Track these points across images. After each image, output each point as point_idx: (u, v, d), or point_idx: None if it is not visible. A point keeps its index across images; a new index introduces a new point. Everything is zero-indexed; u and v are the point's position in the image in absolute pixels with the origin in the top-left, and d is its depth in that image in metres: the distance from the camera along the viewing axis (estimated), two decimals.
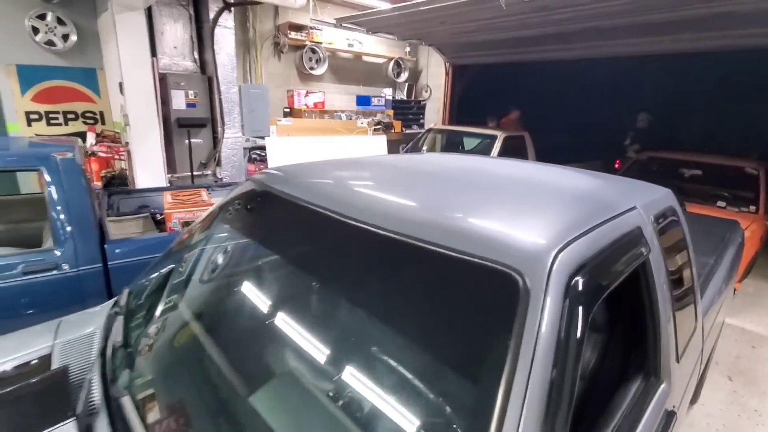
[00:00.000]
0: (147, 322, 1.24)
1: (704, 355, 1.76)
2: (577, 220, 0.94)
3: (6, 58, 4.34)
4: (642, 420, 1.03)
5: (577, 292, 0.78)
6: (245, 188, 1.52)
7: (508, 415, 0.65)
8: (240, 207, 1.47)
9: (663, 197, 1.41)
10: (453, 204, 1.03)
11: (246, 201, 1.46)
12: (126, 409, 0.91)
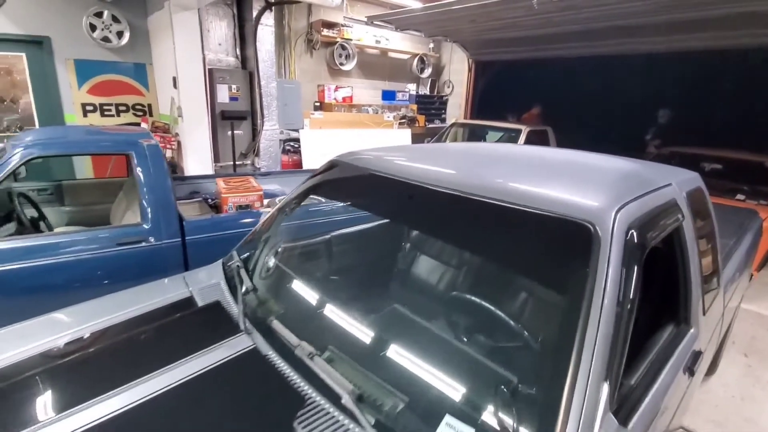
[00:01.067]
0: (266, 271, 1.53)
1: (723, 325, 1.99)
2: (627, 190, 1.19)
3: (65, 53, 4.68)
4: (674, 354, 1.28)
5: (632, 239, 1.04)
6: (329, 167, 1.79)
7: (590, 324, 0.91)
8: (330, 180, 1.73)
9: (693, 178, 1.65)
10: (532, 177, 1.29)
11: (336, 176, 1.73)
12: (275, 327, 1.19)
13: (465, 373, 1.05)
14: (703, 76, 6.17)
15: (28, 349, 1.19)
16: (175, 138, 4.67)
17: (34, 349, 1.18)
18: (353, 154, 1.79)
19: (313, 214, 2.57)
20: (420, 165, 1.46)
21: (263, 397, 0.99)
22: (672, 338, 1.34)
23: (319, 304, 1.34)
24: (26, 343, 1.21)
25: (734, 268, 2.13)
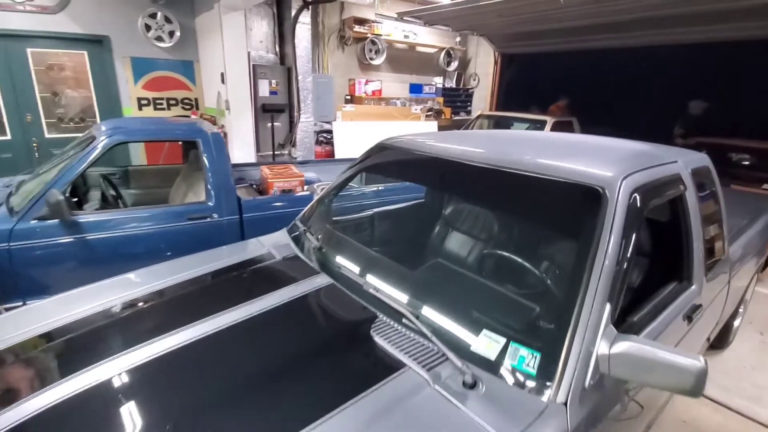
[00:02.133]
0: (326, 234, 1.84)
1: (730, 294, 2.18)
2: (635, 163, 1.44)
3: (123, 51, 5.14)
4: (674, 303, 1.52)
5: (635, 201, 1.29)
6: (377, 149, 2.08)
7: (596, 262, 1.17)
8: (377, 159, 2.03)
9: (700, 158, 1.88)
10: (552, 154, 1.55)
11: (383, 156, 2.02)
12: (343, 272, 1.50)
13: (496, 302, 1.33)
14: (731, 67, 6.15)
15: (137, 291, 1.52)
16: (221, 129, 5.06)
17: (143, 290, 1.53)
18: (395, 138, 2.08)
19: (356, 198, 2.92)
20: (453, 145, 1.74)
21: (344, 316, 1.30)
22: (674, 291, 1.58)
23: (376, 258, 1.64)
24: (135, 286, 1.56)
25: (744, 245, 2.32)
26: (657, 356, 0.99)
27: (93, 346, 1.25)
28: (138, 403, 1.03)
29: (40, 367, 1.22)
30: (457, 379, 1.05)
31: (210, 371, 1.14)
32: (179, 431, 0.93)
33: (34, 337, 1.30)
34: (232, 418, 0.96)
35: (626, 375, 1.04)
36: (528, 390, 1.02)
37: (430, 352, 1.13)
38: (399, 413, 0.97)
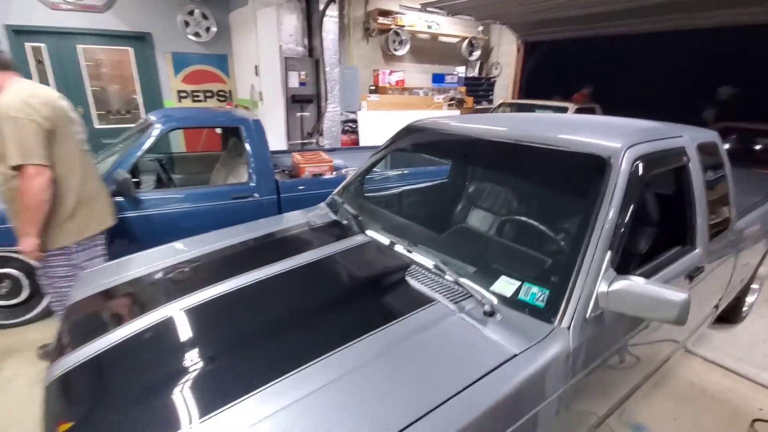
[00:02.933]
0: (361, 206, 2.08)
1: (740, 265, 2.31)
2: (639, 137, 1.61)
3: (164, 47, 5.50)
4: (677, 262, 1.70)
5: (636, 168, 1.47)
6: (406, 132, 2.30)
7: (600, 216, 1.36)
8: (406, 139, 2.25)
9: (708, 134, 2.02)
10: (566, 130, 1.74)
11: (410, 136, 2.24)
12: (380, 233, 1.74)
13: (513, 257, 1.55)
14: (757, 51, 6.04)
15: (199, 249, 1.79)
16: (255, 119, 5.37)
17: (205, 249, 1.79)
18: (422, 120, 2.30)
19: (382, 181, 3.17)
20: (476, 125, 1.95)
21: (382, 264, 1.54)
22: (678, 253, 1.75)
23: (407, 224, 1.88)
24: (197, 245, 1.83)
25: (754, 220, 2.43)
26: (648, 291, 1.19)
27: (169, 289, 1.52)
28: (211, 328, 1.30)
29: (131, 303, 1.50)
30: (478, 309, 1.27)
31: (265, 307, 1.39)
32: (240, 350, 1.18)
33: (123, 282, 1.59)
34: (286, 339, 1.21)
35: (623, 309, 1.24)
36: (537, 318, 1.24)
37: (456, 292, 1.36)
38: (431, 332, 1.20)
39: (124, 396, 1.04)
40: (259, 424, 0.90)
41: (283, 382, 1.01)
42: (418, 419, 0.92)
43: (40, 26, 4.80)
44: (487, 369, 1.07)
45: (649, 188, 1.89)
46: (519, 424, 1.07)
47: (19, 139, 1.80)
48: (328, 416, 0.93)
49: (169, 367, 1.11)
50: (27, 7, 4.69)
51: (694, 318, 2.08)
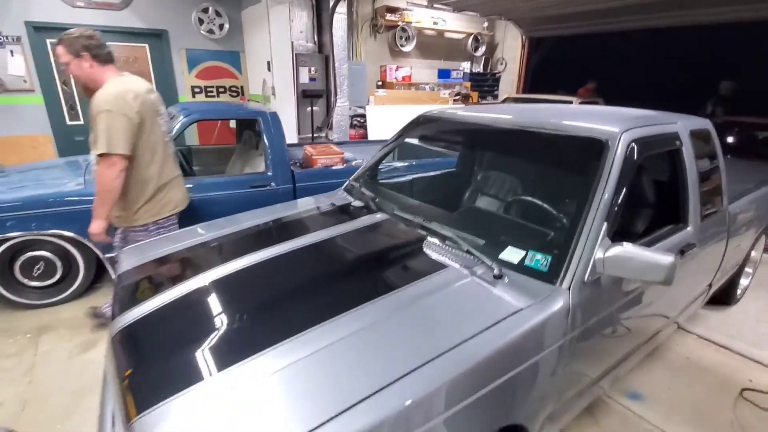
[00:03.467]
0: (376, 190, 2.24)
1: (732, 246, 2.45)
2: (635, 123, 1.76)
3: (179, 44, 5.67)
4: (669, 238, 1.85)
5: (632, 150, 1.62)
6: (418, 122, 2.46)
7: (598, 191, 1.51)
8: (418, 127, 2.41)
9: (701, 122, 2.17)
10: (569, 117, 1.89)
11: (422, 125, 2.40)
12: (396, 212, 1.90)
13: (520, 231, 1.71)
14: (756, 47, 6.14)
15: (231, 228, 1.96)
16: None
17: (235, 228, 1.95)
18: (432, 111, 2.46)
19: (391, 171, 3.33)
20: (483, 114, 2.11)
21: (401, 237, 1.70)
22: (671, 230, 1.90)
23: (421, 205, 2.04)
24: (235, 223, 2.00)
25: (746, 204, 2.57)
26: (639, 256, 1.34)
27: (205, 260, 1.69)
28: (246, 292, 1.47)
29: (173, 272, 1.67)
30: (488, 273, 1.43)
31: (293, 274, 1.56)
32: (270, 310, 1.34)
33: (164, 255, 1.76)
34: (311, 299, 1.37)
35: (617, 272, 1.39)
36: (541, 280, 1.40)
37: (468, 260, 1.52)
38: (446, 291, 1.36)
39: (168, 347, 1.21)
40: (285, 369, 1.05)
41: (308, 335, 1.16)
42: (431, 360, 1.08)
43: (60, 23, 4.98)
44: (495, 320, 1.23)
45: (646, 172, 2.04)
46: (523, 368, 1.23)
47: (108, 130, 1.98)
48: (345, 363, 1.07)
49: (207, 325, 1.28)
50: (48, 5, 4.87)
51: (687, 294, 2.24)
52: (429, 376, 1.04)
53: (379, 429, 0.92)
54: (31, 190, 2.82)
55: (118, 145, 2.02)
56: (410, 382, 1.02)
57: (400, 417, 0.95)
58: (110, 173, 2.04)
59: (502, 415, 1.22)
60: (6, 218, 2.65)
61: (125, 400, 1.06)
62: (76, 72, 2.09)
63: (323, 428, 0.89)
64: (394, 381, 1.01)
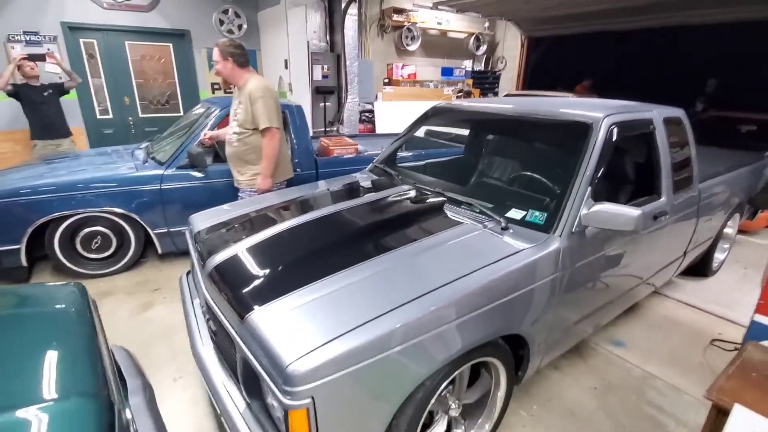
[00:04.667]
0: (400, 169, 2.63)
1: (703, 219, 2.84)
2: (615, 110, 2.14)
3: (200, 43, 6.04)
4: (644, 206, 2.23)
5: (612, 131, 2.01)
6: (431, 113, 2.84)
7: (583, 163, 1.90)
8: (431, 117, 2.80)
9: (675, 111, 2.55)
10: (561, 106, 2.28)
11: (436, 114, 2.79)
12: (418, 185, 2.29)
13: (521, 197, 2.09)
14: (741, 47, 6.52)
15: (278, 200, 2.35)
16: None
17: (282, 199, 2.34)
18: (441, 104, 2.84)
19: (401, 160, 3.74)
20: (487, 105, 2.49)
21: (422, 202, 2.09)
22: (646, 200, 2.29)
23: (438, 181, 2.43)
24: (274, 198, 2.39)
25: (715, 184, 2.95)
26: (614, 209, 1.73)
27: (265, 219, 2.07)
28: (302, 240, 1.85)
29: (241, 228, 2.05)
30: (497, 226, 1.82)
31: (335, 229, 1.94)
32: (319, 254, 1.72)
33: (236, 216, 2.15)
34: (357, 245, 1.74)
35: (598, 223, 1.77)
36: (538, 230, 1.79)
37: (480, 218, 1.91)
38: (464, 238, 1.75)
39: (251, 275, 1.59)
40: (329, 294, 1.42)
41: (358, 267, 1.54)
42: (450, 282, 1.46)
43: (92, 23, 5.36)
44: (502, 256, 1.62)
45: (628, 153, 2.43)
46: (522, 292, 1.61)
47: (267, 110, 2.70)
48: (387, 284, 1.45)
49: (276, 262, 1.67)
50: (81, 6, 5.24)
51: (662, 257, 2.63)
52: (447, 293, 1.42)
53: (412, 325, 1.30)
54: (90, 173, 3.20)
55: (275, 120, 2.75)
56: (433, 296, 1.40)
57: (424, 319, 1.33)
58: (273, 142, 2.76)
59: (505, 326, 1.60)
60: (70, 197, 3.03)
61: (233, 309, 1.45)
62: (221, 69, 2.82)
63: (370, 323, 1.27)
64: (421, 295, 1.39)
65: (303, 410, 1.15)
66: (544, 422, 2.02)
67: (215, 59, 2.82)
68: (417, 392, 1.39)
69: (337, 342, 1.21)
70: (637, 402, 2.17)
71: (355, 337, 1.23)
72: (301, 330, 1.27)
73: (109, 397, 1.01)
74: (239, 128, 2.83)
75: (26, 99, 4.31)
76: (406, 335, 1.29)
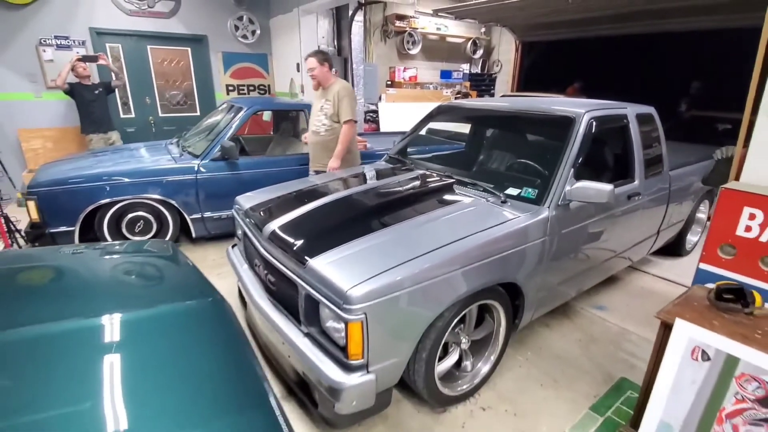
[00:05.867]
0: (411, 159, 3.05)
1: (673, 203, 3.28)
2: (594, 107, 2.58)
3: (217, 48, 6.44)
4: (621, 187, 2.67)
5: (591, 123, 2.44)
6: (436, 111, 3.27)
7: (567, 149, 2.33)
8: (438, 114, 3.23)
9: (647, 108, 3.00)
10: (552, 104, 2.72)
11: (442, 112, 3.22)
12: (430, 169, 2.72)
13: (517, 179, 2.53)
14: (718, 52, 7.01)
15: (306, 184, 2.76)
16: None
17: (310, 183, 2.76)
18: (446, 103, 3.28)
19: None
20: (486, 103, 2.93)
21: (436, 183, 2.52)
22: (622, 183, 2.73)
23: (445, 167, 2.85)
24: (300, 184, 2.80)
25: (683, 173, 3.38)
26: (591, 185, 2.15)
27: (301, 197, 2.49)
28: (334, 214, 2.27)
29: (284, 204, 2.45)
30: (497, 200, 2.25)
31: (362, 204, 2.36)
32: (348, 223, 2.13)
33: (278, 195, 2.56)
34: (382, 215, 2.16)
35: (579, 197, 2.20)
36: (531, 203, 2.21)
37: (484, 194, 2.34)
38: (469, 209, 2.18)
39: (303, 234, 2.01)
40: (368, 247, 1.84)
41: (380, 232, 1.96)
42: (457, 240, 1.88)
43: (118, 29, 5.75)
44: (501, 221, 2.04)
45: (607, 143, 2.86)
46: (517, 249, 2.04)
47: (351, 106, 3.35)
48: (403, 243, 1.87)
49: (321, 225, 2.09)
50: (108, 13, 5.63)
51: (637, 233, 3.07)
52: (461, 246, 1.85)
53: (434, 267, 1.72)
54: (136, 165, 3.60)
55: (355, 115, 3.38)
56: (450, 248, 1.82)
57: (443, 263, 1.75)
58: (351, 132, 3.36)
59: (504, 275, 2.02)
60: (120, 184, 3.43)
61: (294, 258, 1.86)
62: (317, 73, 3.44)
63: (403, 265, 1.69)
64: (441, 246, 1.81)
65: (359, 322, 1.57)
66: (536, 364, 2.44)
67: (312, 66, 3.43)
68: (437, 321, 1.81)
69: (380, 276, 1.63)
70: (614, 350, 2.60)
71: (393, 274, 1.65)
72: (351, 269, 1.69)
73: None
74: (327, 121, 3.43)
75: (79, 96, 4.91)
76: (429, 274, 1.71)
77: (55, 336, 1.09)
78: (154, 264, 1.74)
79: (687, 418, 1.64)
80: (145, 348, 1.11)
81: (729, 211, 1.88)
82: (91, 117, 4.98)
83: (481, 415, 2.05)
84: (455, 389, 2.07)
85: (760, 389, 1.46)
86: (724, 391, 1.54)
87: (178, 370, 1.03)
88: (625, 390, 2.23)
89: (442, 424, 2.00)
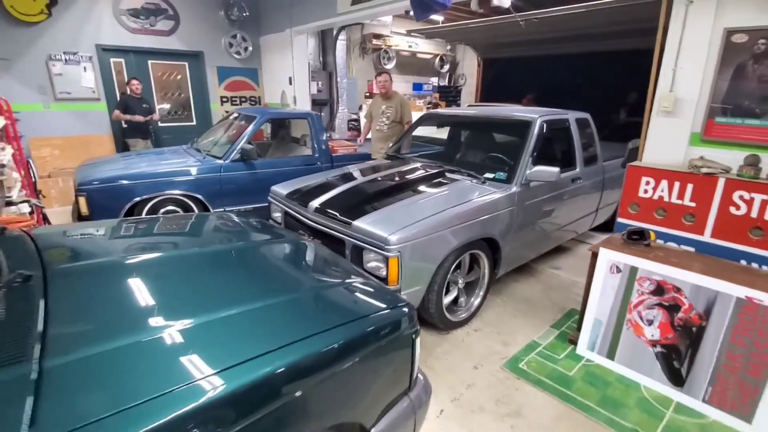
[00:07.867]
0: (400, 155, 3.85)
1: (608, 189, 4.25)
2: (545, 114, 3.48)
3: (212, 62, 7.02)
4: (567, 172, 3.57)
5: (542, 125, 3.33)
6: (424, 118, 4.09)
7: (526, 143, 3.20)
8: (425, 120, 4.06)
9: (584, 115, 3.95)
10: (512, 112, 3.61)
11: (428, 118, 4.05)
12: (422, 161, 3.53)
13: (490, 166, 3.38)
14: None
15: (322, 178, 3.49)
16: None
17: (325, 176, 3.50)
18: (431, 112, 4.12)
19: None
20: (461, 112, 3.78)
21: (431, 170, 3.32)
22: (567, 170, 3.63)
23: (434, 161, 3.66)
24: (316, 177, 3.53)
25: (616, 165, 4.39)
26: (545, 168, 3.02)
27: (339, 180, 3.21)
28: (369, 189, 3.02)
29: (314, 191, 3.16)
30: (479, 182, 3.08)
31: (382, 183, 3.12)
32: (366, 201, 2.90)
33: (312, 182, 3.27)
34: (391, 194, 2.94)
35: (536, 177, 3.06)
36: (503, 183, 3.05)
37: (468, 178, 3.16)
38: (459, 187, 2.99)
39: (343, 206, 2.74)
40: (391, 211, 2.64)
41: (399, 203, 2.75)
42: (451, 207, 2.67)
43: (121, 45, 6.23)
44: (483, 194, 2.86)
45: (556, 141, 3.77)
46: (493, 215, 2.86)
47: (409, 112, 4.65)
48: (419, 208, 2.67)
49: (356, 200, 2.83)
50: (113, 31, 6.11)
51: (580, 209, 3.99)
52: (452, 212, 2.64)
53: (441, 224, 2.51)
54: (169, 166, 4.18)
55: (412, 118, 4.56)
56: (452, 210, 2.62)
57: (447, 222, 2.55)
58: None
59: (486, 231, 2.83)
60: (158, 182, 4.00)
61: (341, 221, 2.59)
62: (388, 86, 4.67)
63: (422, 221, 2.48)
64: (445, 209, 2.60)
65: (396, 258, 2.32)
66: (511, 304, 3.26)
67: (386, 80, 4.67)
68: (445, 262, 2.59)
69: (406, 228, 2.40)
70: (566, 293, 3.47)
71: (414, 228, 2.43)
72: (384, 225, 2.45)
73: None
74: (390, 122, 4.70)
75: (130, 108, 5.76)
76: (437, 228, 2.50)
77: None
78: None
79: (610, 314, 2.50)
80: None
81: (633, 181, 2.79)
82: (138, 126, 5.82)
83: (474, 334, 2.85)
84: (457, 316, 2.85)
85: (651, 284, 2.34)
86: (630, 291, 2.42)
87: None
88: (574, 315, 3.10)
89: (448, 341, 2.77)
